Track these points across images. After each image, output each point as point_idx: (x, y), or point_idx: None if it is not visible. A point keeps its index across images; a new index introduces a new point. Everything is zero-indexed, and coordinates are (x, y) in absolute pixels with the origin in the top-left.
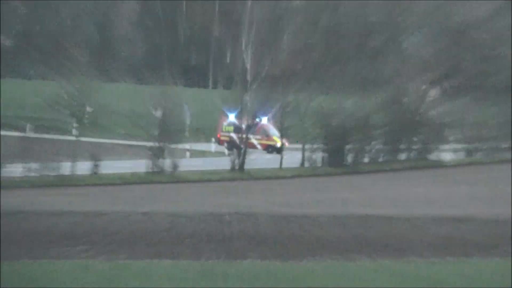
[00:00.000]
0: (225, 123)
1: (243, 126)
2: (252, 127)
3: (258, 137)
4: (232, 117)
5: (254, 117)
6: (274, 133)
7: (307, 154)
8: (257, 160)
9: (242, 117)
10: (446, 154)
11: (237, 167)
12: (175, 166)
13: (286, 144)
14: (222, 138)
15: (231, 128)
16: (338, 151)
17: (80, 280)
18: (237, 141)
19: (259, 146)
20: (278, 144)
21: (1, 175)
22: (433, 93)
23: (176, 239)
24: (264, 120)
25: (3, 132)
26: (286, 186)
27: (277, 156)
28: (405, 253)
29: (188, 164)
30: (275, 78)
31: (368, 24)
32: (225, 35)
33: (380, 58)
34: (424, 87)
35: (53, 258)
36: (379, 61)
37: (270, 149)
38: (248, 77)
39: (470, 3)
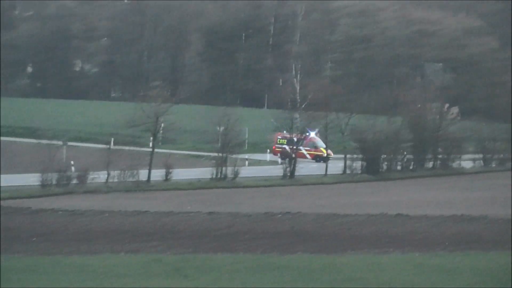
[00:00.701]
0: (279, 137)
1: (295, 139)
2: (302, 140)
3: (307, 148)
4: (312, 134)
5: (304, 131)
6: (321, 145)
7: (348, 163)
8: (305, 168)
9: (293, 132)
10: (465, 163)
11: (288, 174)
12: (235, 173)
13: (331, 154)
14: (277, 149)
15: (284, 141)
16: (374, 160)
17: (153, 271)
18: (289, 152)
19: (308, 156)
20: (325, 154)
21: (88, 181)
22: (452, 112)
23: (235, 236)
24: (312, 134)
25: (90, 145)
26: (329, 190)
27: (322, 165)
28: (429, 246)
29: (246, 172)
30: (319, 100)
31: (395, 56)
32: (278, 64)
33: (406, 83)
34: (444, 107)
35: (129, 252)
36: (405, 86)
37: (318, 158)
38: (298, 99)
39: (482, 36)
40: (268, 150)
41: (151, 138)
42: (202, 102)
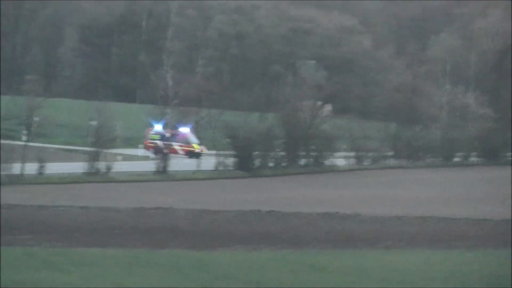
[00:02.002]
0: (152, 132)
1: (167, 135)
2: (175, 136)
3: (180, 144)
4: (158, 127)
5: (176, 127)
6: (194, 141)
7: (220, 159)
8: (178, 164)
9: (166, 128)
10: (338, 160)
11: (160, 169)
12: (108, 168)
13: (204, 150)
14: (150, 144)
15: (157, 136)
16: (246, 157)
17: (24, 265)
18: (162, 147)
19: (181, 152)
20: (197, 150)
21: None
22: (325, 110)
23: (106, 230)
24: (185, 130)
25: None
26: (201, 186)
27: (195, 161)
28: (299, 244)
29: (119, 167)
30: (191, 96)
31: (269, 53)
32: (151, 60)
33: (280, 81)
34: (316, 105)
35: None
36: (278, 84)
37: (190, 154)
38: (169, 95)
39: (356, 35)
40: (140, 146)
41: (25, 132)
42: (76, 97)
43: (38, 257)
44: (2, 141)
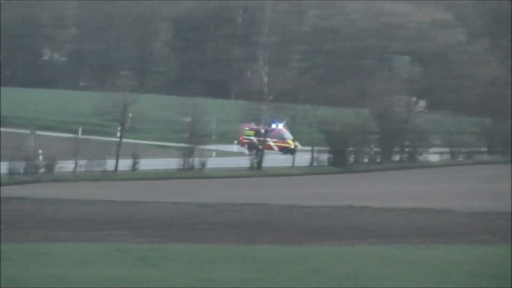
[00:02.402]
0: (246, 128)
1: (262, 131)
2: (270, 132)
3: (274, 140)
4: (280, 126)
5: (271, 123)
6: (289, 136)
7: (315, 155)
8: (272, 159)
9: (260, 124)
10: (432, 156)
11: (255, 165)
12: (202, 164)
13: (299, 146)
14: (244, 140)
15: (252, 132)
16: (341, 153)
17: (118, 260)
18: (256, 143)
19: (275, 148)
20: (292, 146)
21: (56, 170)
22: (419, 105)
23: (200, 226)
24: (280, 125)
25: (58, 134)
26: (295, 181)
27: (290, 157)
28: (394, 239)
29: (213, 163)
30: (286, 92)
31: (363, 48)
32: (246, 55)
33: (374, 76)
34: (412, 100)
35: (93, 241)
36: (372, 79)
37: (285, 150)
38: (265, 90)
39: (450, 29)
40: (236, 141)
41: (119, 128)
42: (170, 93)
43: (132, 252)
44: (97, 137)
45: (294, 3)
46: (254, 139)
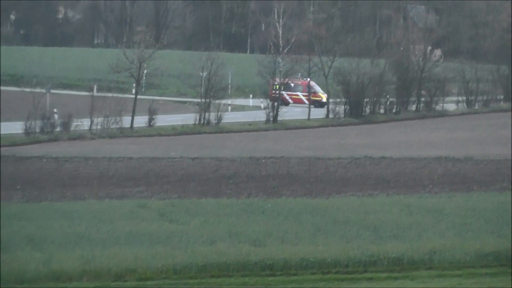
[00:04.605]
0: (275, 83)
1: (292, 85)
2: (299, 85)
3: (305, 94)
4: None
5: (298, 77)
6: (319, 89)
7: (331, 107)
8: (288, 112)
9: (287, 77)
10: (449, 105)
11: (271, 119)
12: (219, 119)
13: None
14: (274, 95)
15: (281, 86)
16: (357, 104)
17: (138, 216)
18: (287, 97)
19: (306, 101)
20: (324, 100)
21: (72, 128)
22: (436, 54)
23: (220, 180)
24: (308, 79)
25: (74, 92)
26: (313, 134)
27: (305, 109)
28: (414, 188)
29: (230, 117)
30: (302, 44)
31: None
32: (260, 7)
33: (389, 25)
34: (427, 49)
35: (112, 198)
36: (388, 28)
37: (317, 103)
38: (280, 43)
39: None
40: (251, 95)
41: (134, 85)
42: (186, 47)
43: (152, 208)
44: (113, 94)
45: None
46: (284, 93)
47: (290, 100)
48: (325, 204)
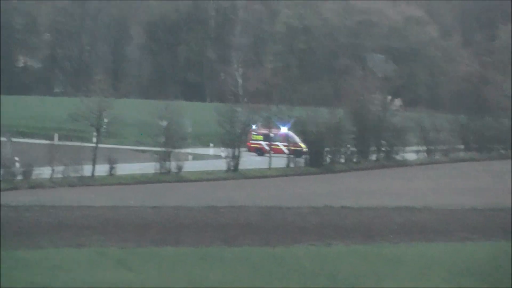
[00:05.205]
0: (254, 133)
1: (271, 135)
2: (277, 135)
3: (285, 144)
4: (284, 129)
5: (278, 126)
6: (298, 139)
7: (291, 156)
8: (247, 162)
9: (262, 127)
10: (408, 155)
11: (232, 168)
12: (179, 168)
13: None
14: (252, 146)
15: (261, 137)
16: (317, 153)
17: (97, 265)
18: (267, 148)
19: (286, 151)
20: (304, 149)
21: (33, 177)
22: (396, 103)
23: (179, 229)
24: (284, 129)
25: (34, 141)
26: (273, 183)
27: (265, 159)
28: (373, 237)
29: (190, 166)
30: (260, 92)
31: (337, 47)
32: (219, 56)
33: (348, 75)
34: (387, 98)
35: (72, 246)
36: (346, 77)
37: (297, 153)
38: (239, 92)
39: (423, 26)
40: (212, 144)
41: (95, 133)
42: (145, 96)
43: (111, 257)
44: (73, 143)
45: (266, 3)
46: (263, 143)
47: (269, 150)
48: (284, 253)
